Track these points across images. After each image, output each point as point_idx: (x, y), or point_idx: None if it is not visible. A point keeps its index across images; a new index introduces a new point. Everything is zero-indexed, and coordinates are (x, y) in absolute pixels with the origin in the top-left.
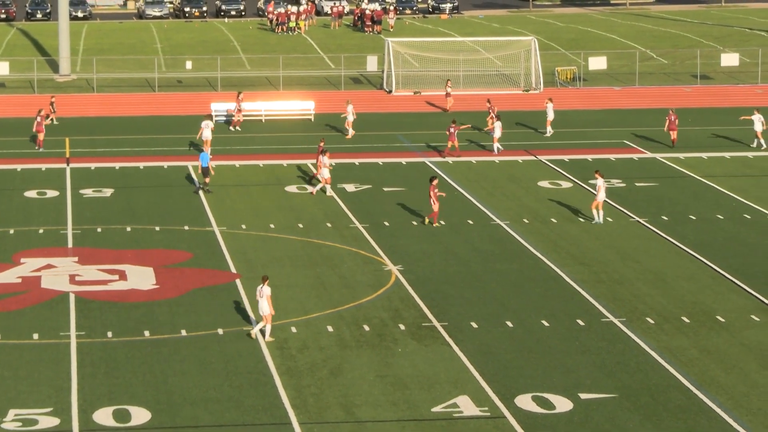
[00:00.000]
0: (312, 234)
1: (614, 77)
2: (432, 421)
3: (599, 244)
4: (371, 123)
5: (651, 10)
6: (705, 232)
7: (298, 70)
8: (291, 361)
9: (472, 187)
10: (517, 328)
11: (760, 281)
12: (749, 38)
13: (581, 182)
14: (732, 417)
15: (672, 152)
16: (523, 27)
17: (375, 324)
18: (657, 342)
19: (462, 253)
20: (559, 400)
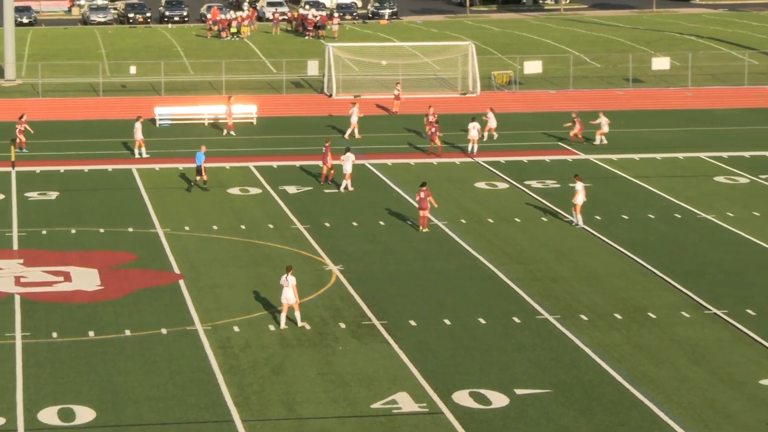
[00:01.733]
0: (254, 235)
1: (549, 81)
2: (372, 418)
3: (534, 243)
4: (312, 126)
5: (584, 16)
6: (637, 231)
7: (240, 74)
8: (233, 359)
9: (410, 189)
10: (454, 325)
11: (690, 278)
12: (679, 42)
13: (517, 183)
14: (663, 411)
15: (605, 153)
16: (460, 32)
17: (316, 323)
18: (590, 338)
19: (401, 252)
20: (496, 396)
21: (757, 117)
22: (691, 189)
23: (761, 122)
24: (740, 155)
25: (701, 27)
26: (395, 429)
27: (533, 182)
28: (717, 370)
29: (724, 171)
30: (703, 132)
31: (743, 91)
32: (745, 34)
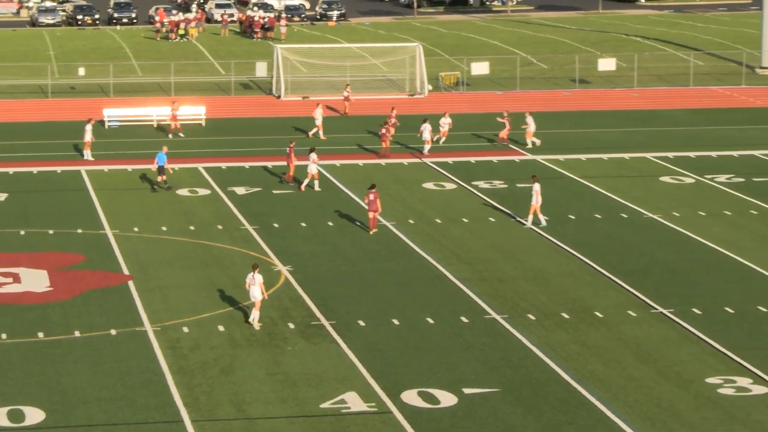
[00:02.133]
0: (203, 236)
1: (496, 82)
2: (321, 417)
3: (482, 243)
4: (261, 127)
5: (531, 17)
6: (584, 231)
7: (189, 76)
8: (183, 360)
9: (359, 189)
10: (403, 325)
11: (636, 278)
12: (625, 44)
13: (464, 183)
14: (610, 409)
15: (552, 154)
16: (408, 33)
17: (265, 323)
18: (538, 337)
19: (349, 253)
20: (444, 395)
21: (702, 117)
22: (638, 189)
23: (706, 123)
24: (686, 155)
25: (647, 28)
26: (344, 429)
27: (481, 183)
28: (663, 369)
29: (670, 171)
30: (649, 132)
31: (688, 92)
32: (691, 36)
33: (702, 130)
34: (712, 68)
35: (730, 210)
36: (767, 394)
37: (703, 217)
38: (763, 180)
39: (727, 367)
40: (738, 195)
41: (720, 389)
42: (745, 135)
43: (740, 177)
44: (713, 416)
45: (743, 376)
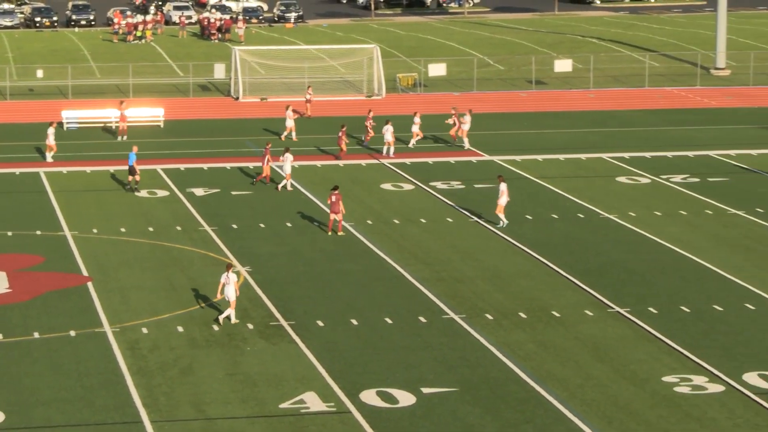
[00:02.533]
0: (162, 237)
1: (453, 83)
2: (280, 417)
3: (440, 243)
4: (219, 129)
5: (487, 19)
6: (541, 231)
7: (147, 78)
8: (142, 361)
9: (317, 190)
10: (361, 325)
11: (593, 277)
12: (581, 45)
13: (422, 184)
14: (568, 408)
15: (509, 154)
16: (365, 35)
17: (224, 324)
18: (496, 337)
19: (308, 254)
20: (403, 395)
21: (658, 118)
22: (594, 189)
23: (662, 123)
24: (641, 156)
25: (602, 30)
26: (303, 429)
27: (438, 183)
28: (620, 368)
29: (626, 171)
30: (605, 133)
31: (644, 93)
32: (646, 37)
33: (657, 130)
34: (668, 69)
35: (685, 210)
36: (723, 393)
37: (659, 217)
38: (718, 180)
39: (683, 366)
40: (693, 195)
41: (676, 388)
42: (700, 135)
43: (695, 177)
44: (669, 414)
45: (699, 374)
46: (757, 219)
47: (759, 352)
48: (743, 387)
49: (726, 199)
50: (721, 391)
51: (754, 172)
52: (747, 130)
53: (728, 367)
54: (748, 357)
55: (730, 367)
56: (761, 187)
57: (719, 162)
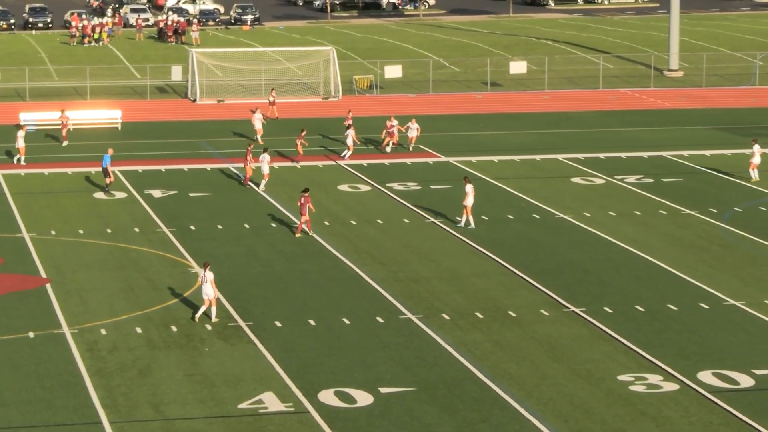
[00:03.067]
0: (120, 239)
1: (409, 85)
2: (239, 418)
3: (397, 244)
4: (176, 131)
5: (443, 21)
6: (496, 231)
7: (104, 80)
8: (101, 362)
9: (274, 192)
10: (319, 326)
11: (549, 277)
12: (536, 47)
13: (379, 185)
14: (524, 407)
15: (465, 156)
16: (321, 37)
17: (182, 325)
18: (453, 337)
19: (265, 254)
20: (360, 395)
21: (612, 119)
22: (549, 190)
23: (616, 124)
24: (596, 156)
25: (557, 32)
26: (262, 429)
27: (395, 184)
28: (576, 367)
29: (581, 172)
30: (560, 134)
31: (598, 94)
32: (600, 39)
33: (612, 131)
34: (621, 71)
35: (639, 210)
36: (677, 391)
37: (614, 217)
38: (671, 180)
39: (638, 365)
40: (647, 195)
41: (631, 386)
42: (653, 136)
43: (649, 178)
44: (625, 413)
45: (654, 373)
46: (710, 219)
47: (713, 351)
48: (697, 385)
49: (679, 200)
50: (676, 390)
51: (707, 173)
52: (700, 131)
53: (682, 365)
54: (702, 356)
55: (685, 365)
56: (714, 187)
57: (673, 162)
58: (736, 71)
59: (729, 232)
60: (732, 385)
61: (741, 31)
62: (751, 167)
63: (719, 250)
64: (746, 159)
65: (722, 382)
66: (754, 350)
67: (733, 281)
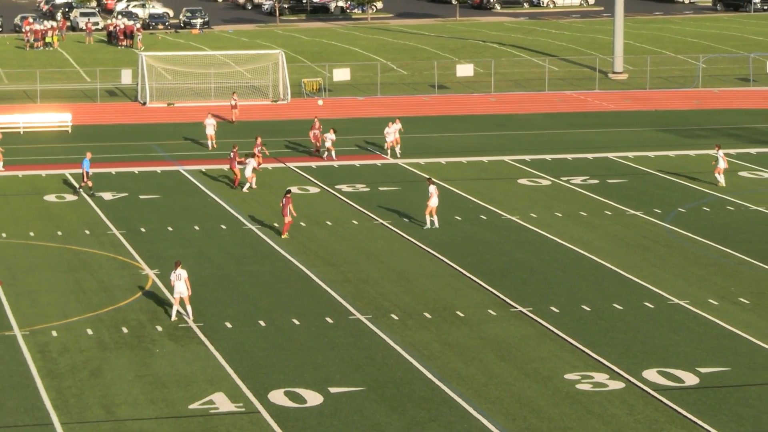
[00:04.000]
0: (71, 241)
1: (357, 88)
2: (189, 418)
3: (346, 245)
4: (127, 134)
5: (390, 24)
6: (444, 232)
7: (55, 83)
8: (52, 363)
9: (224, 194)
10: (269, 327)
11: (496, 277)
12: (482, 50)
13: (328, 187)
14: (472, 406)
15: (413, 158)
16: (270, 41)
17: (133, 326)
18: (401, 337)
19: (215, 256)
20: (310, 395)
21: (557, 121)
22: (496, 191)
23: (561, 126)
24: (542, 158)
25: (503, 35)
26: (213, 429)
27: (343, 186)
28: (523, 366)
29: (527, 173)
30: (507, 136)
31: (544, 97)
32: (545, 42)
33: (557, 133)
34: (567, 73)
35: (585, 211)
36: (623, 389)
37: (560, 217)
38: (616, 181)
39: (585, 364)
40: (593, 196)
41: (578, 385)
42: (598, 138)
43: (595, 179)
44: (571, 411)
45: (600, 371)
46: (654, 219)
47: (657, 350)
48: (643, 384)
49: (624, 200)
50: (622, 388)
51: (652, 174)
52: (644, 133)
53: (628, 364)
54: (646, 354)
55: (630, 364)
56: (658, 188)
57: (617, 164)
58: (680, 74)
59: (673, 233)
60: (677, 383)
61: (684, 34)
62: (716, 172)
63: (664, 250)
64: (690, 160)
65: (667, 380)
66: (698, 349)
67: (678, 281)
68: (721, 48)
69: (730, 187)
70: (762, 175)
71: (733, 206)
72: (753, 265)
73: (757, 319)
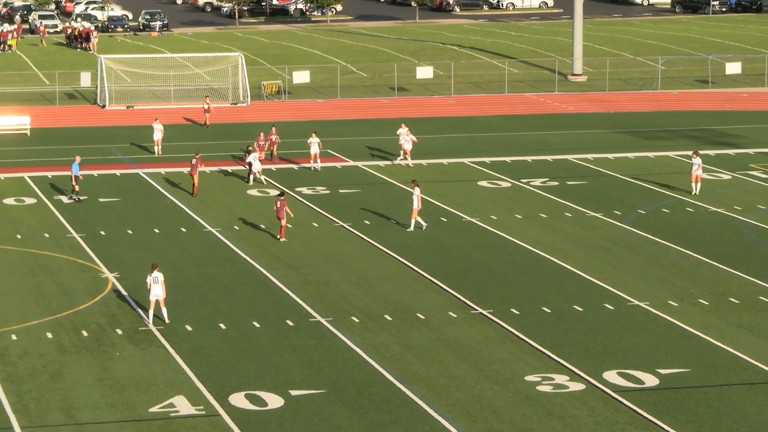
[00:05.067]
0: (30, 244)
1: (317, 90)
2: (150, 421)
3: (306, 248)
4: (86, 137)
5: (350, 27)
6: (404, 235)
7: (13, 86)
8: (11, 367)
9: (184, 197)
10: (229, 329)
11: (456, 279)
12: (442, 52)
13: (288, 190)
14: (433, 408)
15: (373, 160)
16: (230, 43)
17: (93, 329)
18: (362, 339)
19: (175, 259)
20: (271, 397)
21: (517, 123)
22: (456, 193)
23: (521, 128)
24: (502, 160)
25: (463, 37)
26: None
27: (304, 189)
28: (484, 368)
29: (487, 175)
30: (467, 138)
31: (504, 99)
32: (505, 44)
33: (517, 135)
34: (526, 75)
35: (545, 212)
36: (584, 391)
37: (520, 219)
38: (576, 183)
39: (545, 365)
40: (552, 198)
41: (538, 386)
42: (558, 140)
43: (554, 180)
44: (532, 412)
45: (560, 373)
46: (614, 221)
47: (618, 351)
48: (603, 385)
49: (584, 202)
50: (582, 389)
51: (611, 176)
52: (604, 134)
53: (588, 365)
54: (607, 356)
55: (590, 365)
56: (618, 190)
57: (577, 165)
58: (639, 75)
59: (633, 234)
60: (637, 384)
61: (643, 36)
62: (693, 180)
63: (623, 251)
64: (649, 162)
65: (627, 381)
66: (658, 350)
67: (637, 282)
68: (680, 50)
69: (689, 188)
70: (720, 176)
71: (692, 207)
72: (712, 266)
73: (716, 320)
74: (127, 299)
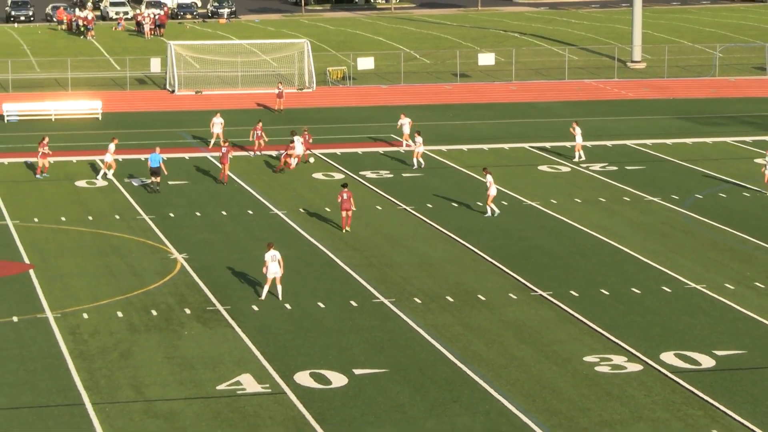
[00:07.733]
0: (101, 226)
1: (381, 76)
2: (217, 398)
3: (370, 230)
4: (156, 121)
5: (414, 14)
6: (466, 218)
7: (85, 72)
8: (83, 345)
9: (251, 180)
10: (295, 309)
11: (517, 262)
12: (504, 39)
13: (352, 173)
14: (493, 387)
15: (435, 145)
16: (296, 30)
17: (162, 309)
18: (424, 320)
19: (242, 241)
20: (335, 376)
21: (577, 109)
22: (517, 178)
23: (580, 114)
24: (562, 145)
25: (524, 24)
26: (240, 409)
27: (368, 173)
28: (543, 348)
29: (547, 160)
30: (527, 124)
31: (564, 85)
32: (565, 31)
33: (577, 121)
34: (586, 62)
35: (604, 197)
36: (641, 372)
37: (579, 204)
38: (634, 168)
39: (603, 346)
40: (612, 183)
41: (597, 367)
42: (617, 126)
43: (613, 165)
44: (590, 392)
45: (618, 354)
46: (671, 205)
47: (675, 333)
48: (660, 366)
49: (642, 187)
50: (640, 370)
51: (669, 161)
52: (662, 121)
53: (646, 347)
54: (664, 337)
55: (648, 347)
56: (676, 175)
57: (636, 151)
58: (697, 63)
59: (690, 218)
60: (693, 365)
61: (702, 24)
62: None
63: (681, 235)
64: (707, 148)
65: (684, 362)
66: (714, 332)
67: (695, 266)
68: (738, 37)
69: (745, 174)
70: None
71: (749, 192)
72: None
73: None
74: (196, 280)
